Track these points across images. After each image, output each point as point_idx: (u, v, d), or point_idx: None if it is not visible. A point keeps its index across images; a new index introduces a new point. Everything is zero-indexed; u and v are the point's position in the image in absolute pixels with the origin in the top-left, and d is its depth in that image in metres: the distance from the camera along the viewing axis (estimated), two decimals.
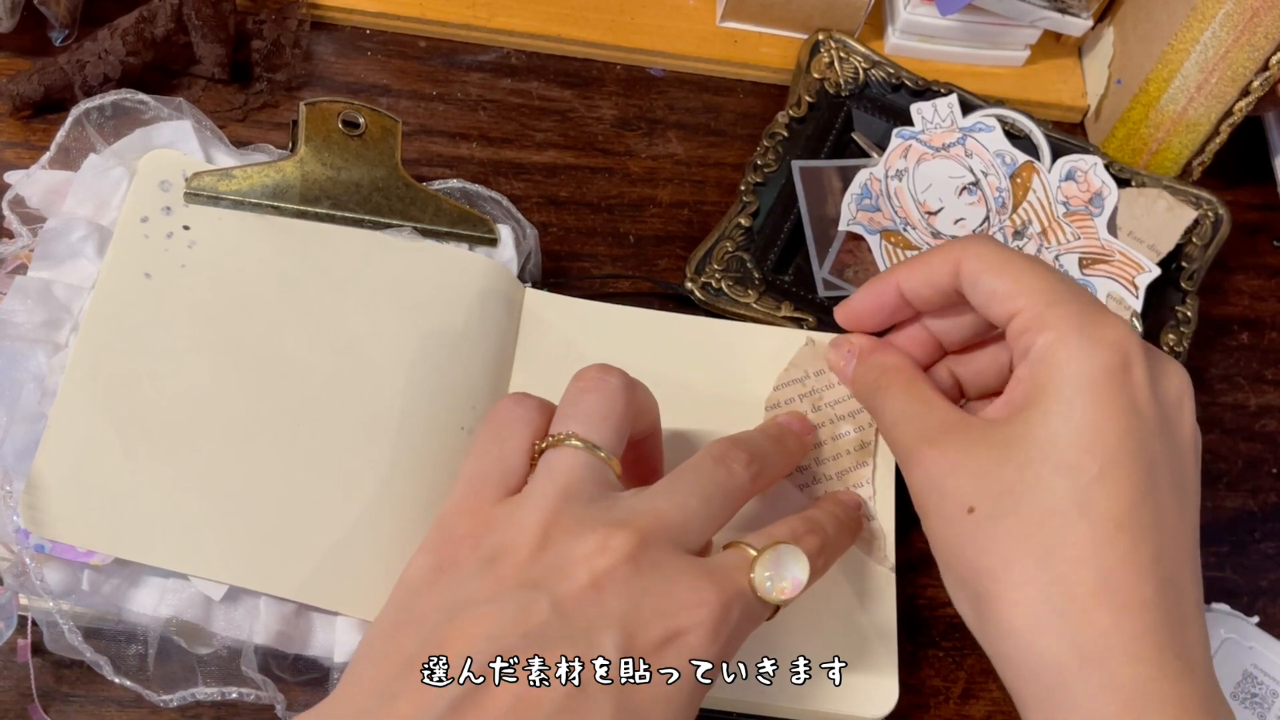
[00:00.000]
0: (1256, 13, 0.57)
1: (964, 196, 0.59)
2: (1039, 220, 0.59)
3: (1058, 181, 0.60)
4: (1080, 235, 0.59)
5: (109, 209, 0.49)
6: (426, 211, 0.53)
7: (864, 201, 0.59)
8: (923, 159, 0.60)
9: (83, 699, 0.45)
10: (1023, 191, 0.60)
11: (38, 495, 0.43)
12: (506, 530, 0.38)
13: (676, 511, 0.39)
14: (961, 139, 0.61)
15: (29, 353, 0.46)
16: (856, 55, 0.64)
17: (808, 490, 0.51)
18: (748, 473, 0.42)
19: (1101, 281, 0.57)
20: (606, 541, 0.37)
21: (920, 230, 0.58)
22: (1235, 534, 0.58)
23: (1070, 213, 0.59)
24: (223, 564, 0.44)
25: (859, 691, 0.47)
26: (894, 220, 0.58)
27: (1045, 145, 0.62)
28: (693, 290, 0.57)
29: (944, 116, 0.61)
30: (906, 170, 0.60)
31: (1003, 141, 0.61)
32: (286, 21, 0.60)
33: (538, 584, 0.36)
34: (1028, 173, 0.60)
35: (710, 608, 0.37)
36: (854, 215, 0.58)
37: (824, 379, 0.53)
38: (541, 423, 0.42)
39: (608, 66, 0.65)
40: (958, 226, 0.59)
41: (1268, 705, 0.50)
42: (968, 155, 0.60)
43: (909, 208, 0.59)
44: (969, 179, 0.60)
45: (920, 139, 0.61)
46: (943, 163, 0.60)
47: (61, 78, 0.56)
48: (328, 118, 0.52)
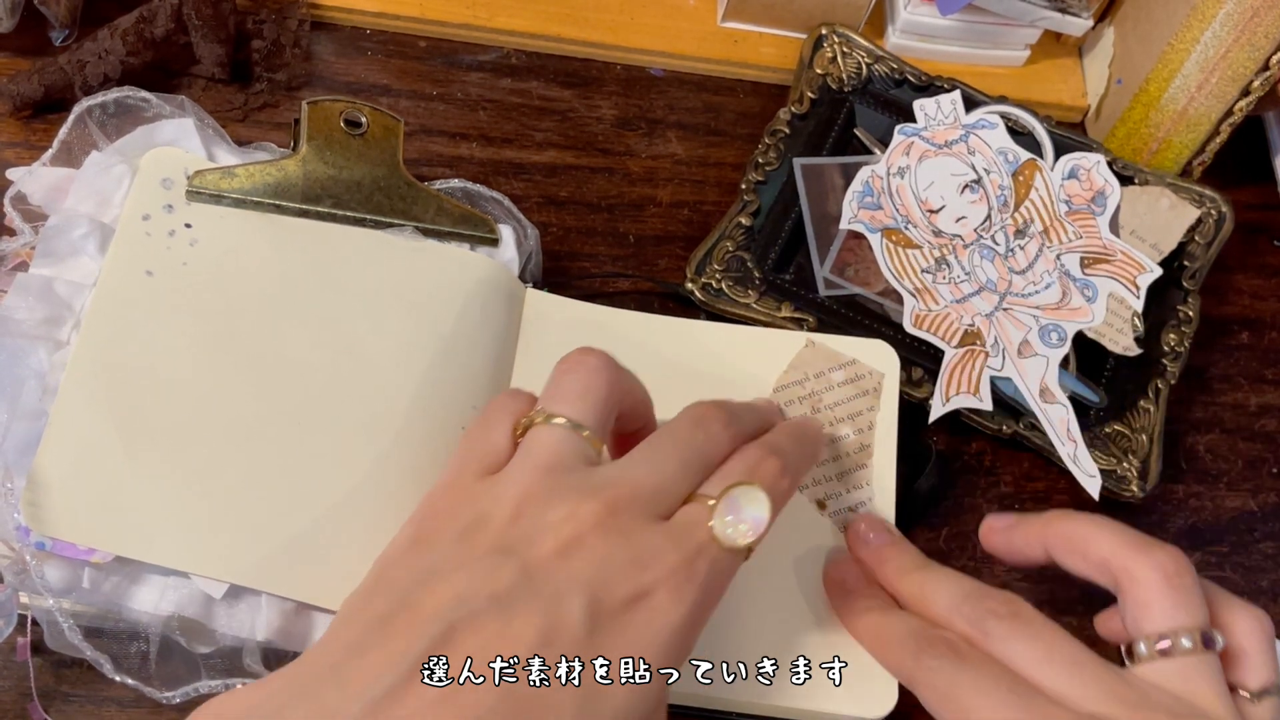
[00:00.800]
0: (1257, 12, 0.57)
1: (966, 194, 0.59)
2: (1040, 219, 0.59)
3: (1060, 180, 0.60)
4: (1082, 234, 0.59)
5: (111, 206, 0.49)
6: (428, 211, 0.52)
7: (865, 199, 0.59)
8: (925, 156, 0.60)
9: (83, 698, 0.45)
10: (1025, 190, 0.60)
11: (38, 492, 0.43)
12: (483, 503, 0.39)
13: (652, 478, 0.40)
14: (964, 136, 0.61)
15: (30, 350, 0.46)
16: (860, 50, 0.64)
17: (807, 491, 0.51)
18: (726, 433, 0.42)
19: (1103, 281, 0.57)
20: (576, 510, 0.38)
21: (922, 229, 0.58)
22: (1235, 534, 0.58)
23: (1072, 211, 0.59)
24: (224, 562, 0.44)
25: (859, 691, 0.47)
26: (895, 218, 0.58)
27: (1048, 142, 0.62)
28: (693, 291, 0.57)
29: (947, 113, 0.61)
30: (909, 168, 0.60)
31: (1005, 139, 0.61)
32: (286, 21, 0.60)
33: (508, 550, 0.37)
34: (1030, 171, 0.60)
35: (672, 566, 0.38)
36: (855, 213, 0.58)
37: (823, 381, 0.53)
38: (528, 409, 0.42)
39: (608, 66, 0.65)
40: (959, 225, 0.59)
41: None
42: (970, 152, 0.60)
43: (910, 205, 0.59)
44: (971, 176, 0.60)
45: (923, 136, 0.61)
46: (945, 160, 0.60)
47: (61, 78, 0.56)
48: (330, 116, 0.52)
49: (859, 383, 0.53)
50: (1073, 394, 0.56)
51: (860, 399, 0.53)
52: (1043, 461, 0.57)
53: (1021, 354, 0.55)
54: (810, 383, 0.53)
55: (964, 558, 0.55)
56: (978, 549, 0.55)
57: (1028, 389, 0.55)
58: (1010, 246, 0.58)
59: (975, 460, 0.57)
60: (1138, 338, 0.57)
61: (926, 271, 0.57)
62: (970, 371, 0.55)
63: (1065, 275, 0.58)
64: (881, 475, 0.52)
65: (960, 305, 0.57)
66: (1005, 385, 0.55)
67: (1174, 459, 0.59)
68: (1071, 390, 0.56)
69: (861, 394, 0.53)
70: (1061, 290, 0.57)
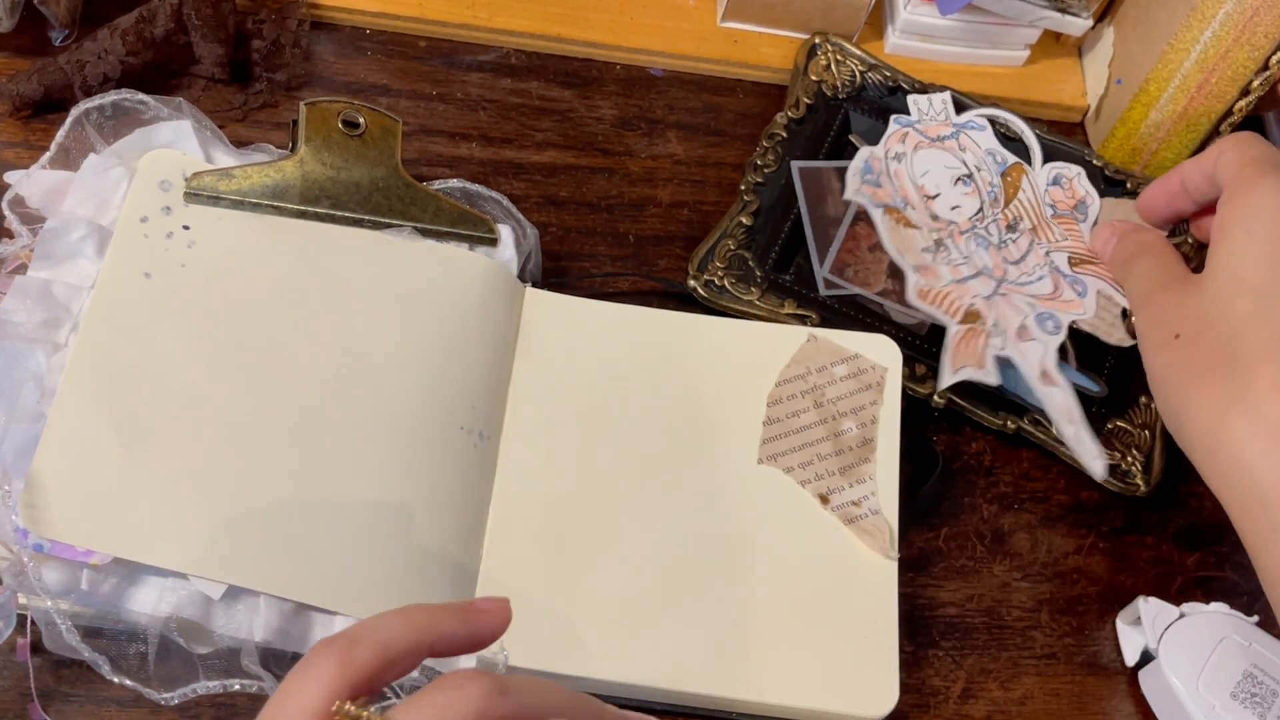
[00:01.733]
0: (1257, 12, 0.57)
1: (959, 186, 0.59)
2: (1029, 218, 0.59)
3: (1045, 185, 0.61)
4: (1068, 236, 0.59)
5: (109, 209, 0.49)
6: (426, 211, 0.52)
7: (867, 176, 0.59)
8: (920, 146, 0.60)
9: (82, 698, 0.45)
10: (1013, 190, 0.60)
11: (37, 494, 0.43)
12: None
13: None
14: (955, 133, 0.61)
15: (28, 352, 0.46)
16: (853, 58, 0.64)
17: (810, 486, 0.51)
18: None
19: (1091, 280, 0.58)
20: None
21: (919, 211, 0.58)
22: (1236, 533, 0.57)
23: (1057, 215, 0.60)
24: (221, 563, 0.44)
25: (859, 691, 0.47)
26: (894, 198, 0.59)
27: (1037, 147, 0.62)
28: (695, 288, 0.57)
29: (938, 110, 0.62)
30: (905, 154, 0.60)
31: (994, 141, 0.61)
32: (286, 21, 0.60)
33: None
34: (1017, 173, 0.61)
35: None
36: (859, 187, 0.59)
37: (825, 375, 0.53)
38: (354, 686, 0.34)
39: (607, 66, 0.65)
40: (954, 213, 0.59)
41: (1268, 705, 0.50)
42: (961, 149, 0.61)
43: (908, 188, 0.59)
44: (963, 170, 0.60)
45: (916, 128, 0.61)
46: (938, 153, 0.60)
47: (61, 77, 0.56)
48: (328, 117, 0.52)
49: (861, 377, 0.53)
50: (1074, 386, 0.56)
51: (863, 393, 0.53)
52: (1043, 462, 0.57)
53: (1020, 337, 0.56)
54: (812, 376, 0.53)
55: (964, 557, 0.55)
56: (977, 548, 0.55)
57: (1029, 371, 0.55)
58: (1003, 238, 0.59)
59: (975, 460, 0.57)
60: (1130, 331, 0.57)
61: (926, 251, 0.57)
62: (974, 346, 0.55)
63: (1056, 270, 0.58)
64: (884, 469, 0.52)
65: (960, 285, 0.57)
66: (1008, 377, 0.55)
67: (1174, 459, 0.58)
68: (1073, 382, 0.56)
69: (864, 388, 0.53)
70: (1053, 283, 0.58)
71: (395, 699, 0.44)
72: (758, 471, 0.51)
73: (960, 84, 0.64)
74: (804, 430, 0.52)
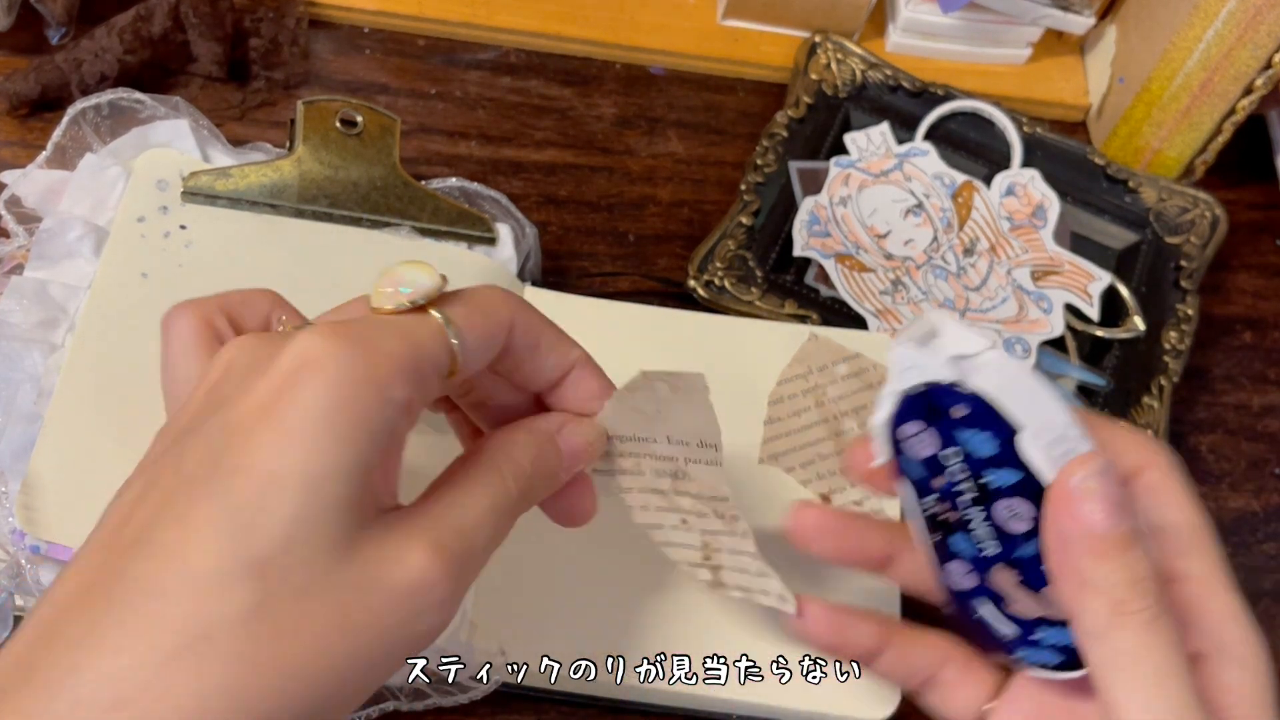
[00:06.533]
0: (1260, 10, 0.57)
1: (910, 219, 0.59)
2: (986, 237, 0.59)
3: (999, 198, 0.60)
4: (1028, 249, 0.59)
5: (105, 208, 0.49)
6: (425, 210, 0.52)
7: (814, 228, 0.59)
8: (864, 185, 0.60)
9: None
10: (966, 210, 0.60)
11: (33, 496, 0.43)
12: None
13: None
14: (898, 164, 0.61)
15: (25, 353, 0.46)
16: (853, 57, 0.64)
17: (812, 486, 0.51)
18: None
19: (1056, 293, 0.58)
20: None
21: (873, 253, 0.58)
22: (1238, 534, 0.57)
23: (1015, 227, 0.60)
24: None
25: (860, 692, 0.47)
26: (845, 245, 0.58)
27: (1018, 142, 0.62)
28: (696, 288, 0.57)
29: (877, 144, 0.62)
30: (850, 197, 0.60)
31: (939, 164, 0.61)
32: (284, 19, 0.60)
33: None
34: (968, 192, 0.60)
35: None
36: (806, 241, 0.58)
37: (827, 374, 0.53)
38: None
39: (607, 65, 0.65)
40: (908, 247, 0.59)
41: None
42: (907, 179, 0.61)
43: (858, 232, 0.59)
44: (912, 201, 0.60)
45: (858, 167, 0.61)
46: (884, 188, 0.60)
47: (58, 76, 0.55)
48: (326, 116, 0.52)
49: (863, 376, 0.53)
50: (1079, 381, 0.57)
51: (865, 392, 0.53)
52: None
53: None
54: (814, 376, 0.53)
55: None
56: None
57: None
58: (961, 265, 0.58)
59: None
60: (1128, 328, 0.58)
61: (885, 293, 0.57)
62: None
63: (1019, 289, 0.58)
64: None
65: None
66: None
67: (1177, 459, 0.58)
68: (1077, 378, 0.57)
69: (866, 387, 0.53)
70: (1018, 304, 0.58)
71: (396, 700, 0.44)
72: (759, 471, 0.51)
73: (962, 83, 0.64)
74: (805, 430, 0.52)
